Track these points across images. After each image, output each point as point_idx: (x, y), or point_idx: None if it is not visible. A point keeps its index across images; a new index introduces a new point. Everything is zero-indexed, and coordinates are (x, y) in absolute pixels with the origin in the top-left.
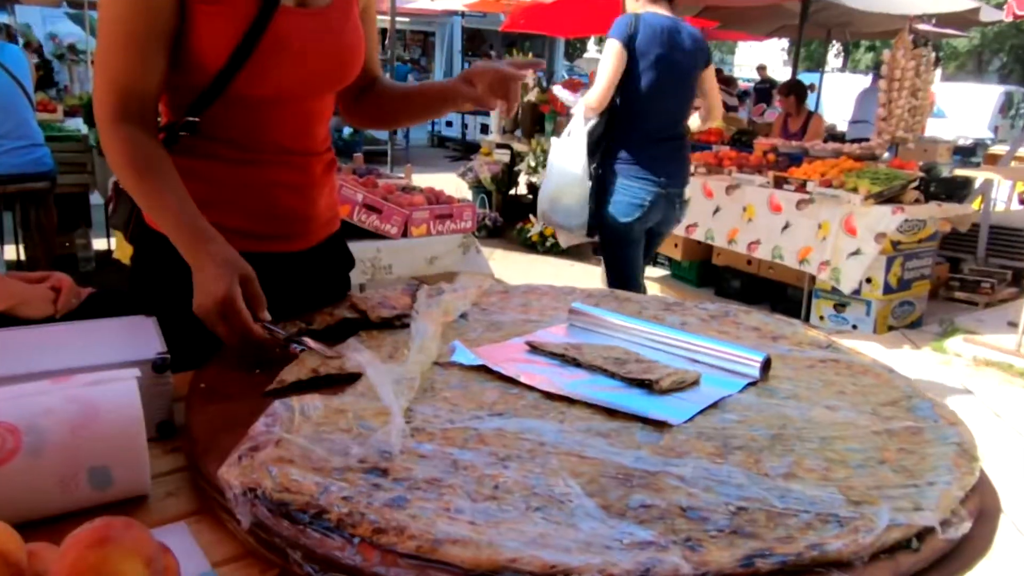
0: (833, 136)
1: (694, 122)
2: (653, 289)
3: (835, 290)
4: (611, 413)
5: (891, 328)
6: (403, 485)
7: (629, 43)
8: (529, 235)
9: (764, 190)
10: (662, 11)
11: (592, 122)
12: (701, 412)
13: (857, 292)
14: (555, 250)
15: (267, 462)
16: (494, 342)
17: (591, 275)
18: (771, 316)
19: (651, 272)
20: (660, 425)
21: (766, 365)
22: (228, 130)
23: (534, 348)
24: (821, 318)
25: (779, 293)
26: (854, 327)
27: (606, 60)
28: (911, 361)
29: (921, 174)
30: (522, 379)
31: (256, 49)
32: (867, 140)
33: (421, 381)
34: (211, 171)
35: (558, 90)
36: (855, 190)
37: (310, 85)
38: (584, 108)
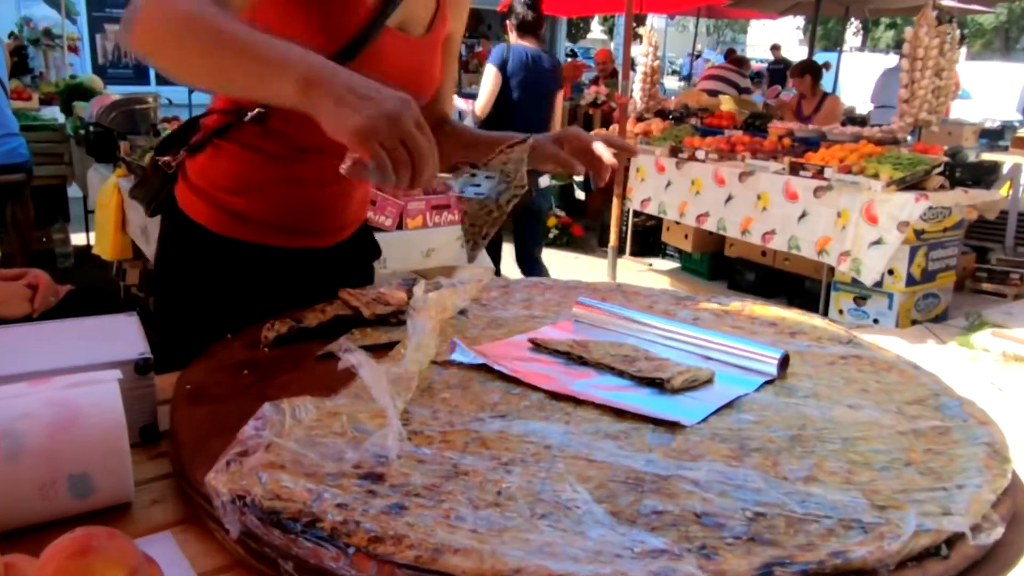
0: (852, 119)
1: None
2: (663, 282)
3: (855, 282)
4: (620, 414)
5: (915, 322)
6: (400, 491)
7: (502, 67)
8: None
9: (779, 177)
10: (529, 44)
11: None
12: (715, 412)
13: (879, 284)
14: (559, 242)
15: (257, 468)
16: (495, 340)
17: (597, 268)
18: (789, 310)
19: (661, 265)
20: (672, 426)
21: (784, 362)
22: (286, 124)
23: (538, 346)
24: (840, 312)
25: (796, 286)
26: (875, 321)
27: (486, 79)
28: (936, 357)
29: (946, 159)
30: (525, 379)
31: (353, 60)
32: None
33: (418, 381)
34: (254, 161)
35: (457, 100)
36: (876, 176)
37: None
38: (472, 115)
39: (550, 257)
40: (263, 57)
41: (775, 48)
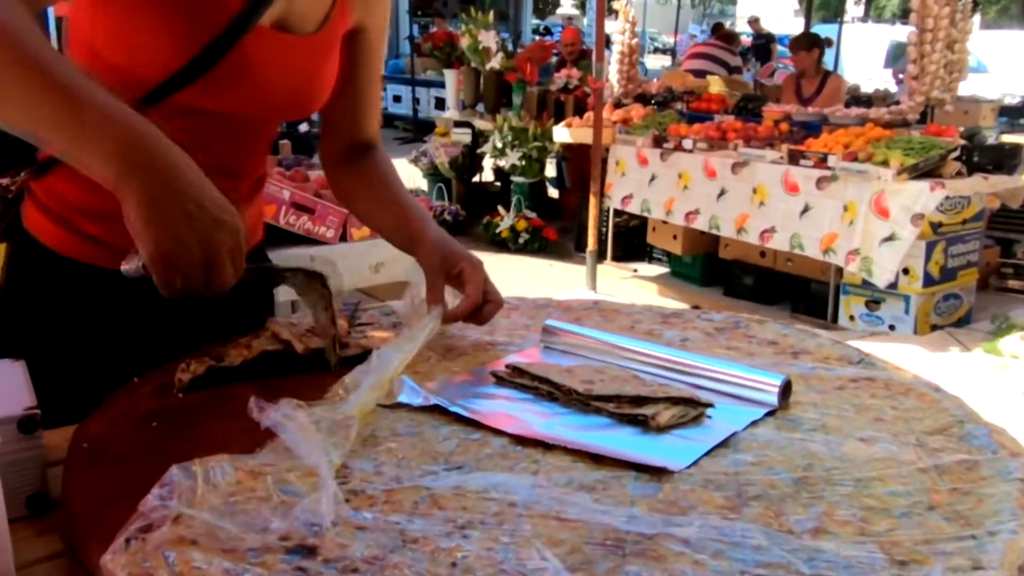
0: (856, 99)
1: None
2: (650, 290)
3: (867, 284)
4: (597, 460)
5: (935, 327)
6: (336, 567)
7: None
8: (498, 230)
9: (777, 167)
10: None
11: None
12: (708, 453)
13: (893, 286)
14: (530, 247)
15: (163, 545)
16: (451, 374)
17: (575, 276)
18: (790, 327)
19: (647, 270)
20: (658, 473)
21: (786, 389)
22: None
23: (501, 380)
24: (851, 318)
25: (800, 290)
26: (891, 328)
27: None
28: (960, 366)
29: (962, 141)
30: (486, 421)
31: (217, 65)
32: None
33: (360, 428)
34: None
35: None
36: (885, 163)
37: (264, 111)
38: None
39: (520, 265)
40: (77, 105)
41: (754, 21)
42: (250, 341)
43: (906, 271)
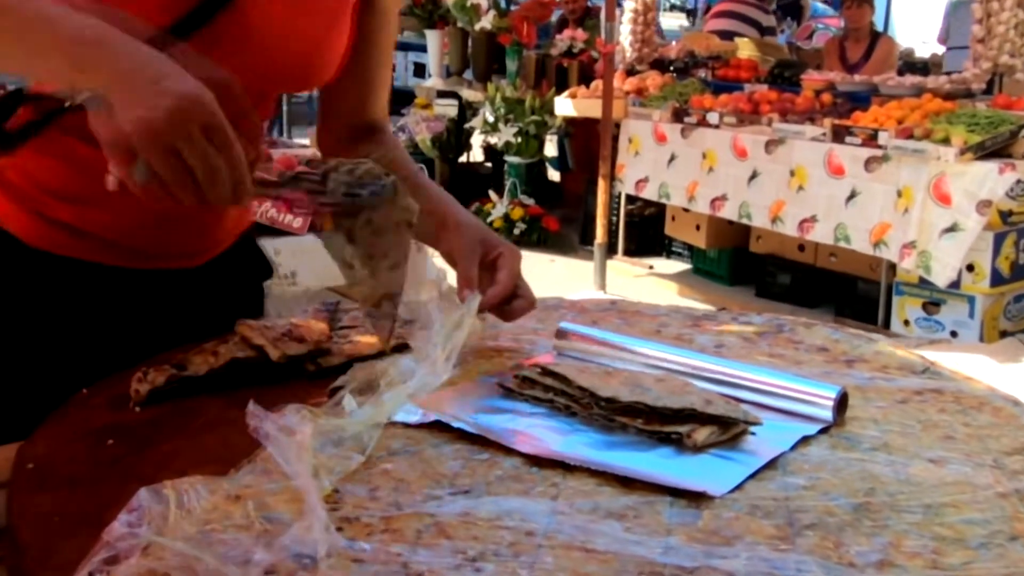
0: (911, 65)
1: None
2: (669, 290)
3: (924, 283)
4: (625, 483)
5: (1004, 333)
6: None
7: None
8: (489, 220)
9: (819, 145)
10: None
11: None
12: (753, 476)
13: (955, 285)
14: (527, 239)
15: None
16: (451, 384)
17: (580, 273)
18: (842, 330)
19: (665, 267)
20: (696, 498)
21: (841, 403)
22: None
23: (509, 391)
24: (906, 323)
25: (846, 290)
26: (953, 334)
27: None
28: None
29: None
30: (495, 438)
31: (207, 27)
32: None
33: (352, 445)
34: (102, 164)
35: None
36: (946, 141)
37: (265, 80)
38: None
39: None
40: (25, 15)
41: None
42: (216, 347)
43: (970, 268)
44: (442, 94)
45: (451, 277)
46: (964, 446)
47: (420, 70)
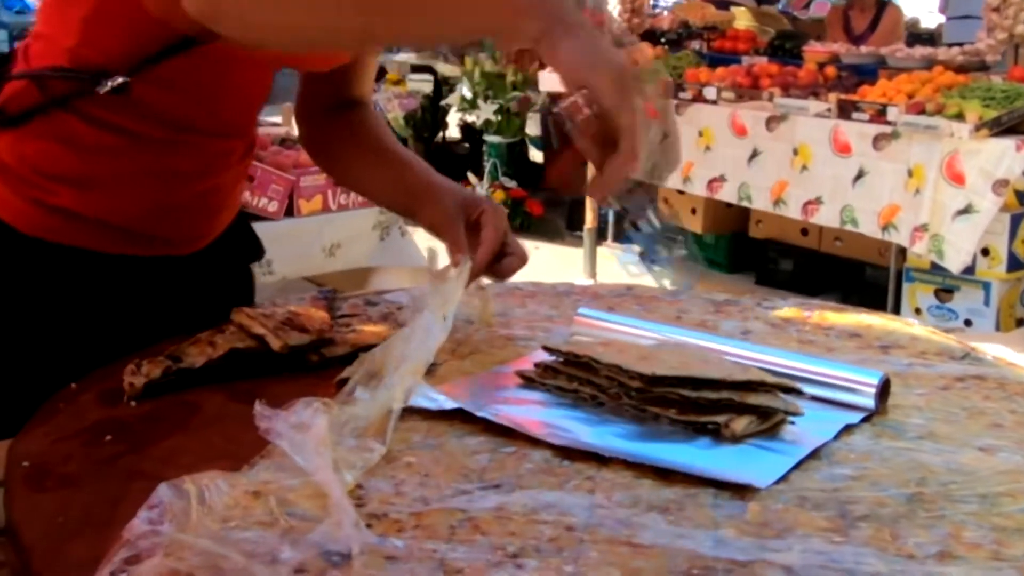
0: (917, 36)
1: None
2: (661, 279)
3: (936, 268)
4: (663, 475)
5: (1021, 322)
6: None
7: None
8: None
9: (824, 122)
10: None
11: None
12: (797, 466)
13: (970, 270)
14: (510, 224)
15: None
16: (466, 374)
17: (568, 261)
18: (875, 315)
19: None
20: (741, 490)
21: (884, 390)
22: (163, 93)
23: (529, 381)
24: (917, 311)
25: (852, 276)
26: (967, 324)
27: None
28: None
29: None
30: (522, 429)
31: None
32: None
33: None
34: (106, 145)
35: None
36: (960, 117)
37: (281, 57)
38: None
39: None
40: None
41: None
42: (213, 337)
43: (986, 252)
44: (415, 68)
45: (442, 258)
46: (1013, 434)
47: None
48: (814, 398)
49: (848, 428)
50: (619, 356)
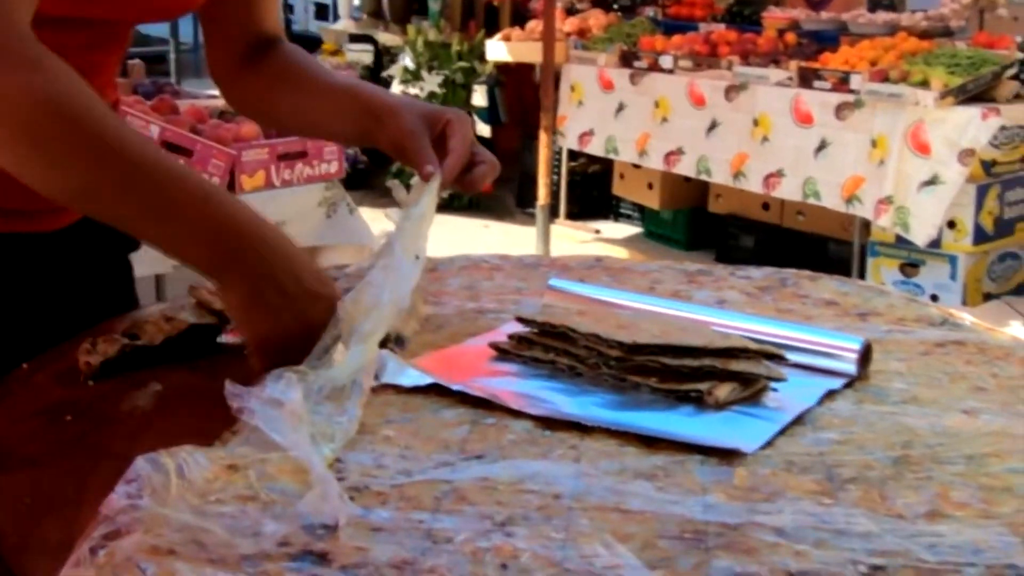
0: (878, 1)
1: None
2: (618, 255)
3: (901, 242)
4: (648, 442)
5: (988, 296)
6: (359, 575)
7: None
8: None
9: (784, 91)
10: None
11: None
12: (782, 432)
13: (935, 244)
14: (457, 204)
15: (137, 555)
16: (437, 348)
17: (519, 239)
18: (850, 283)
19: (613, 231)
20: (728, 455)
21: (865, 355)
22: None
23: (504, 352)
24: (882, 287)
25: (815, 252)
26: (933, 298)
27: None
28: None
29: (1020, 54)
30: (502, 401)
31: None
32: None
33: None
34: None
35: None
36: (924, 84)
37: (121, 10)
38: None
39: (445, 227)
40: (167, 197)
41: None
42: (169, 313)
43: (952, 224)
44: (354, 38)
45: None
46: (996, 396)
47: (322, 11)
48: (795, 365)
49: (831, 394)
50: (597, 325)
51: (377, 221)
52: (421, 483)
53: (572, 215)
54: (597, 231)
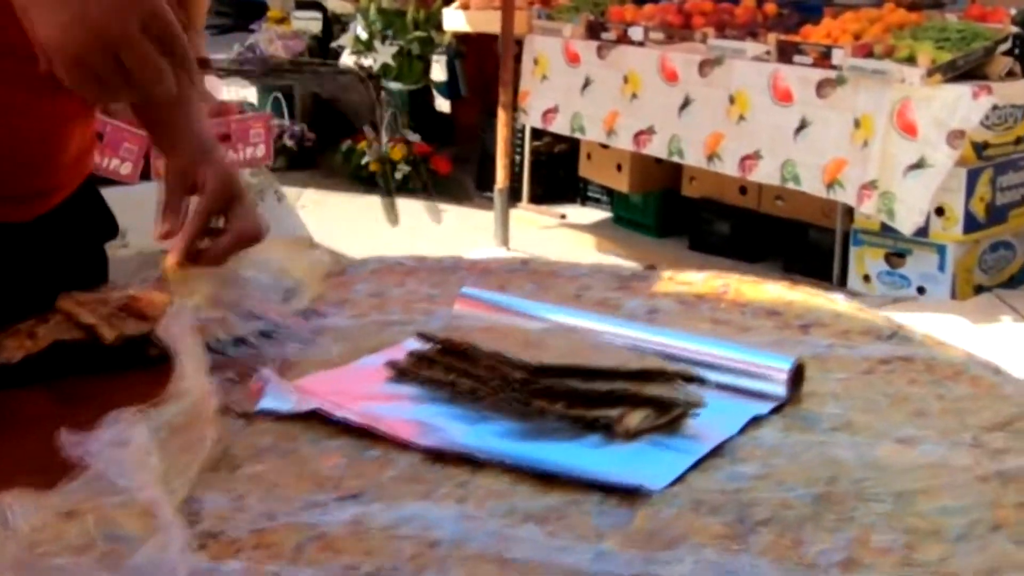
0: None
1: None
2: (584, 245)
3: (887, 230)
4: (544, 480)
5: (980, 289)
6: None
7: None
8: (364, 161)
9: (763, 66)
10: None
11: None
12: (696, 465)
13: (923, 232)
14: (412, 185)
15: None
16: (330, 367)
17: (477, 226)
18: (796, 290)
19: (580, 216)
20: (630, 495)
21: (796, 376)
22: None
23: (402, 373)
24: (866, 279)
25: (795, 240)
26: (920, 291)
27: None
28: (1014, 340)
29: (1015, 29)
30: (386, 431)
31: None
32: None
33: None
34: None
35: None
36: (911, 60)
37: None
38: None
39: (400, 210)
40: None
41: None
42: (35, 327)
43: (940, 211)
44: (302, 5)
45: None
46: (938, 422)
47: None
48: (720, 387)
49: (756, 420)
50: (501, 343)
51: (328, 208)
52: (285, 527)
53: (536, 198)
54: (563, 216)
